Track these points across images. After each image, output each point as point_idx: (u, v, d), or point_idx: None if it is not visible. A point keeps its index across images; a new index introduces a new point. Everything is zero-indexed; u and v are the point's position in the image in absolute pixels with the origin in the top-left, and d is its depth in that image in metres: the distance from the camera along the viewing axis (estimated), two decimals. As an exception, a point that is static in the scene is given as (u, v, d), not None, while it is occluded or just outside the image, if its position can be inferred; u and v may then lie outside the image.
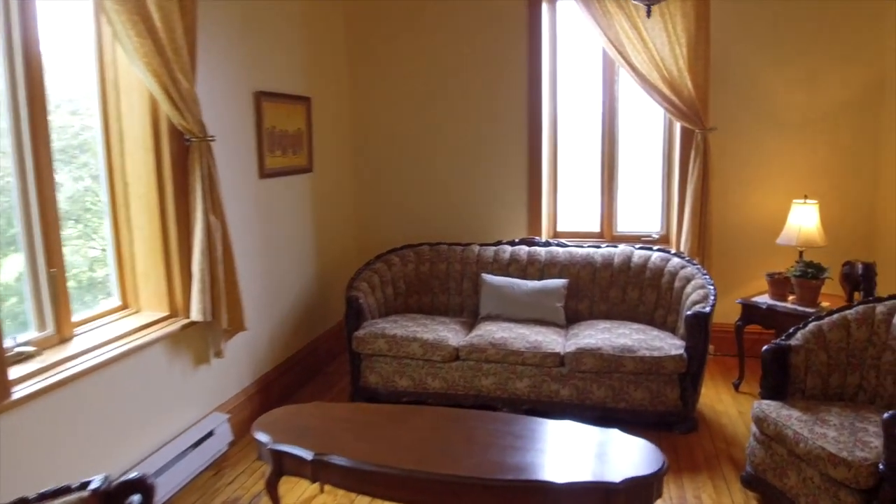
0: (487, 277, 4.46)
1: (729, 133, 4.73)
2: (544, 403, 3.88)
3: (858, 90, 4.57)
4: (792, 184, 4.65)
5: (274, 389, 4.13)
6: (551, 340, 3.92)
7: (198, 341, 3.41)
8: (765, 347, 3.19)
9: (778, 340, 3.24)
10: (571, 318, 4.37)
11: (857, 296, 3.99)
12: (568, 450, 2.71)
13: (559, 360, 3.82)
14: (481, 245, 4.76)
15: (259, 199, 3.99)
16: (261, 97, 3.98)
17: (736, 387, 4.41)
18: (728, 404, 4.19)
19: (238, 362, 3.77)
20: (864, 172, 4.64)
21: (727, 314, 4.53)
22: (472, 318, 4.46)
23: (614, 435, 2.72)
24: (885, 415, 2.47)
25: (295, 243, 4.46)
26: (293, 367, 4.39)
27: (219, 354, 3.48)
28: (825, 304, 4.08)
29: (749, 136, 4.74)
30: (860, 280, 3.92)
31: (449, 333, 4.05)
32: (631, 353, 3.71)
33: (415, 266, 4.68)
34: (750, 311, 4.27)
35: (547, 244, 4.69)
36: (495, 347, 3.87)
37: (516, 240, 4.77)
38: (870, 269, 3.88)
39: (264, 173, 4.04)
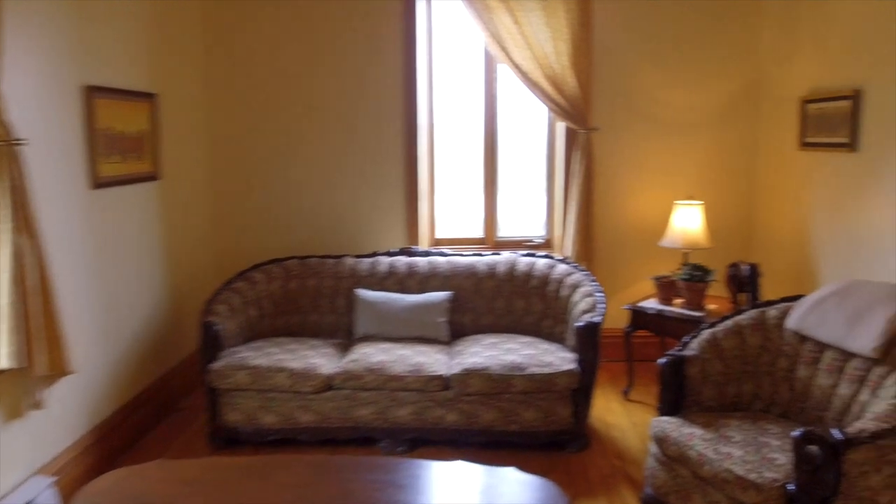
0: (363, 293, 4.06)
1: (612, 133, 4.58)
2: (429, 431, 3.53)
3: (737, 90, 4.55)
4: (676, 184, 4.56)
5: (117, 436, 3.52)
6: (435, 361, 3.57)
7: (9, 391, 2.78)
8: (661, 360, 2.99)
9: (674, 351, 3.05)
10: (456, 332, 4.05)
11: (742, 297, 3.92)
12: (459, 499, 2.35)
13: (444, 383, 3.48)
14: (356, 257, 4.35)
15: (91, 214, 3.37)
16: (92, 93, 3.36)
17: (625, 394, 4.25)
18: (619, 415, 4.01)
19: (67, 411, 3.15)
20: (744, 172, 4.63)
21: (613, 319, 4.36)
22: (347, 339, 4.04)
23: (510, 476, 2.39)
24: (795, 433, 2.30)
25: (139, 263, 3.85)
26: (141, 406, 3.78)
27: (37, 405, 2.87)
28: (712, 306, 3.99)
29: (633, 136, 4.61)
30: (745, 281, 3.85)
31: (321, 359, 3.60)
32: (521, 372, 3.43)
33: (282, 283, 4.20)
34: (638, 317, 4.12)
35: (427, 254, 4.35)
36: (373, 373, 3.47)
37: (394, 250, 4.39)
38: (755, 271, 3.81)
39: (98, 182, 3.42)
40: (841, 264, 3.66)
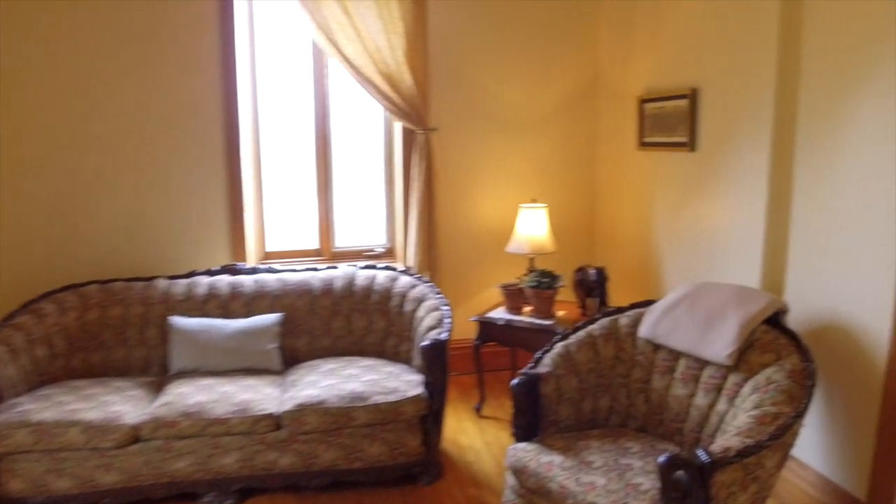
0: (178, 321, 3.50)
1: (453, 133, 4.32)
2: (261, 478, 3.07)
3: (578, 88, 4.45)
4: (521, 186, 4.38)
5: None
6: (264, 397, 3.11)
7: None
8: (514, 381, 2.73)
9: (526, 370, 2.81)
10: (290, 359, 3.60)
11: (591, 302, 3.78)
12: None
13: (275, 422, 3.03)
14: (169, 278, 3.76)
15: None
16: None
17: (478, 410, 4.00)
18: (472, 435, 3.75)
19: None
20: (587, 173, 4.54)
21: (461, 330, 4.11)
22: (161, 377, 3.46)
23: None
24: (661, 459, 2.10)
25: None
26: None
27: None
28: (561, 312, 3.83)
29: (474, 136, 4.37)
30: (593, 286, 3.71)
31: (125, 405, 3.02)
32: (363, 402, 3.05)
33: (78, 314, 3.53)
34: (486, 329, 3.87)
35: (254, 270, 3.86)
36: (190, 418, 2.95)
37: (215, 268, 3.86)
38: (602, 275, 3.69)
39: None
40: (684, 266, 3.62)
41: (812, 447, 2.89)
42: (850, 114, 2.59)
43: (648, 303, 3.03)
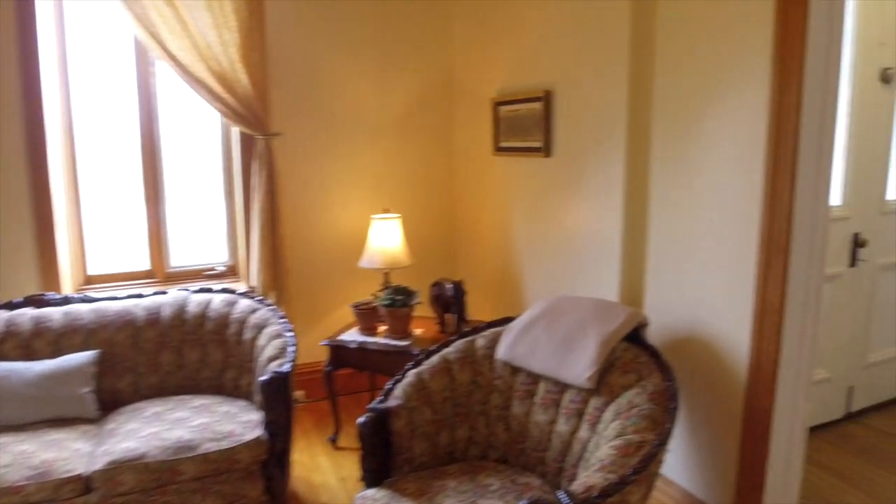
0: (-37, 368, 2.93)
1: (298, 138, 3.96)
2: (67, 552, 2.59)
3: (433, 90, 4.21)
4: (374, 196, 4.09)
5: None
6: (72, 454, 2.63)
7: None
8: (360, 420, 2.44)
9: (375, 404, 2.52)
10: (110, 403, 3.12)
11: (449, 318, 3.56)
12: None
13: (84, 484, 2.56)
14: (-45, 315, 3.17)
15: None
16: None
17: (333, 442, 3.68)
18: (327, 471, 3.42)
19: None
20: (444, 180, 4.32)
21: (317, 353, 3.77)
22: (-58, 435, 2.88)
23: None
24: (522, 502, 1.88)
25: None
26: None
27: None
28: (419, 330, 3.58)
29: (322, 141, 4.03)
30: (451, 301, 3.48)
31: None
32: (190, 452, 2.65)
33: None
34: (339, 353, 3.55)
35: (66, 301, 3.33)
36: (-32, 491, 2.44)
37: (17, 300, 3.29)
38: (459, 289, 3.46)
39: None
40: (545, 278, 3.47)
41: (676, 463, 2.80)
42: (702, 118, 2.50)
43: (506, 320, 2.83)
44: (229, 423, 2.84)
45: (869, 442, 3.62)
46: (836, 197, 3.48)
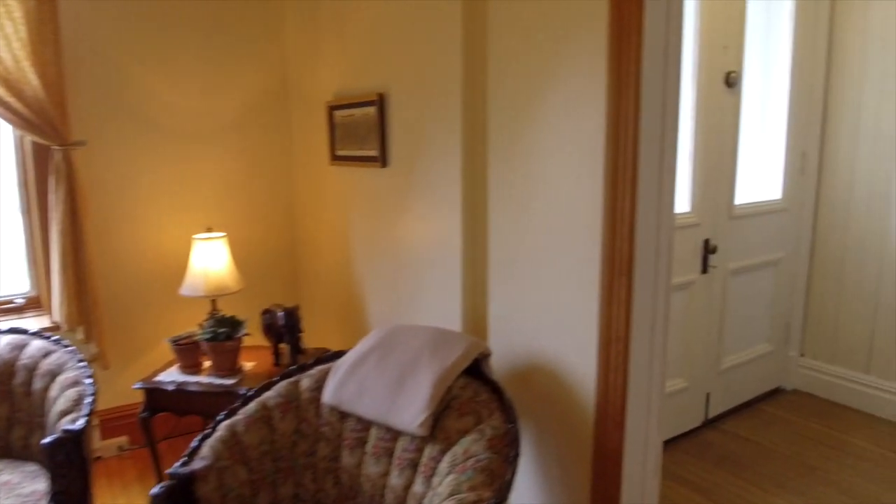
0: None
1: (106, 149, 3.43)
2: None
3: (266, 95, 3.79)
4: (202, 212, 3.62)
5: None
6: None
7: None
8: (154, 490, 2.02)
9: (175, 468, 2.11)
10: None
11: (284, 349, 3.18)
12: None
13: None
14: None
15: None
16: None
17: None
18: (146, 533, 2.95)
19: None
20: (281, 193, 3.90)
21: (136, 393, 3.28)
22: None
23: None
24: None
25: None
26: None
27: None
28: (250, 364, 3.18)
29: (136, 151, 3.51)
30: (283, 331, 3.10)
31: None
32: (-61, 546, 2.13)
33: None
34: (155, 396, 3.08)
35: None
36: None
37: None
38: (292, 317, 3.08)
39: None
40: (387, 301, 3.15)
41: (525, 501, 2.56)
42: (538, 125, 2.26)
43: (336, 355, 2.49)
44: (6, 497, 2.34)
45: (727, 449, 3.57)
46: (684, 203, 3.38)
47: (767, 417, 3.94)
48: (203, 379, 3.05)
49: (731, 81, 3.41)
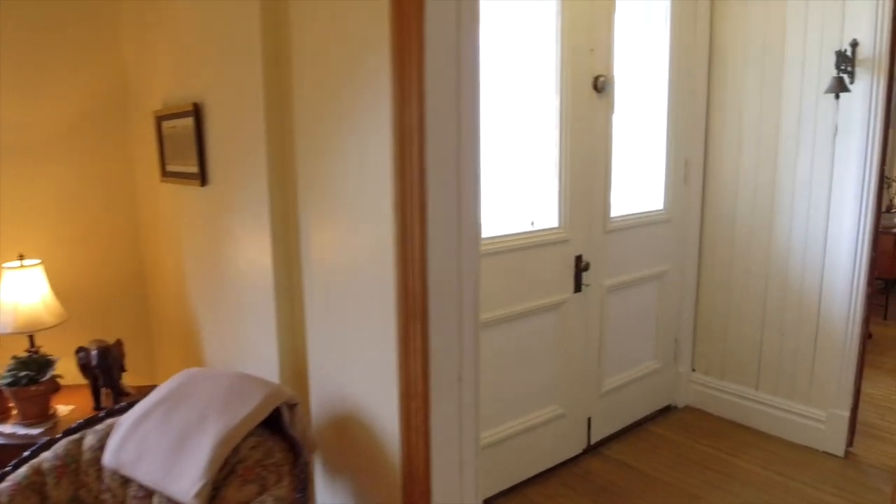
0: None
1: None
2: None
3: (101, 103, 3.37)
4: (18, 237, 3.20)
5: None
6: None
7: None
8: None
9: None
10: None
11: (106, 392, 2.82)
12: None
13: None
14: None
15: None
16: None
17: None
18: None
19: None
20: (122, 214, 3.51)
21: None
22: None
23: None
24: None
25: None
26: None
27: None
28: (67, 409, 2.81)
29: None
30: (97, 372, 2.74)
31: None
32: None
33: None
34: (-50, 451, 2.68)
35: None
36: None
37: None
38: (107, 355, 2.72)
39: None
40: (218, 335, 2.81)
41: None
42: (336, 141, 1.97)
43: (127, 407, 2.16)
44: None
45: (607, 479, 3.36)
46: (551, 218, 3.16)
47: (654, 440, 3.76)
48: (6, 428, 2.67)
49: (601, 86, 3.20)
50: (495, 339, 3.01)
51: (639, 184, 3.72)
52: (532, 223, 3.23)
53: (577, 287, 3.27)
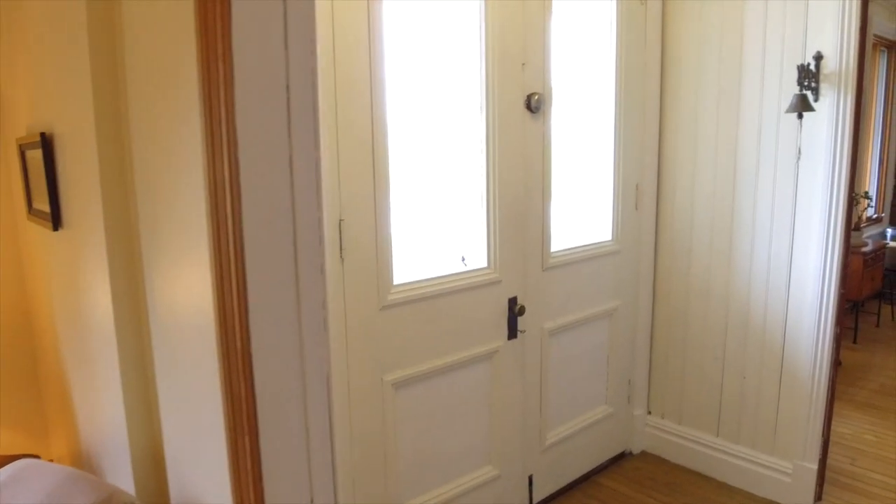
0: None
1: None
2: None
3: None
4: None
5: None
6: None
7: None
8: None
9: None
10: None
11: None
12: None
13: None
14: None
15: None
16: None
17: None
18: None
19: None
20: (8, 256, 3.05)
21: None
22: None
23: None
24: None
25: None
26: None
27: None
28: None
29: None
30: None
31: None
32: None
33: None
34: None
35: None
36: None
37: None
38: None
39: None
40: (83, 398, 2.38)
41: None
42: (168, 185, 1.55)
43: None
44: None
45: (549, 546, 2.97)
46: (479, 258, 2.76)
47: (606, 495, 3.37)
48: None
49: (535, 105, 2.82)
50: (417, 398, 2.60)
51: (584, 213, 3.35)
52: (463, 259, 2.84)
53: (512, 333, 2.88)
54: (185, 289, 1.47)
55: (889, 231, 7.20)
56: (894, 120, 7.27)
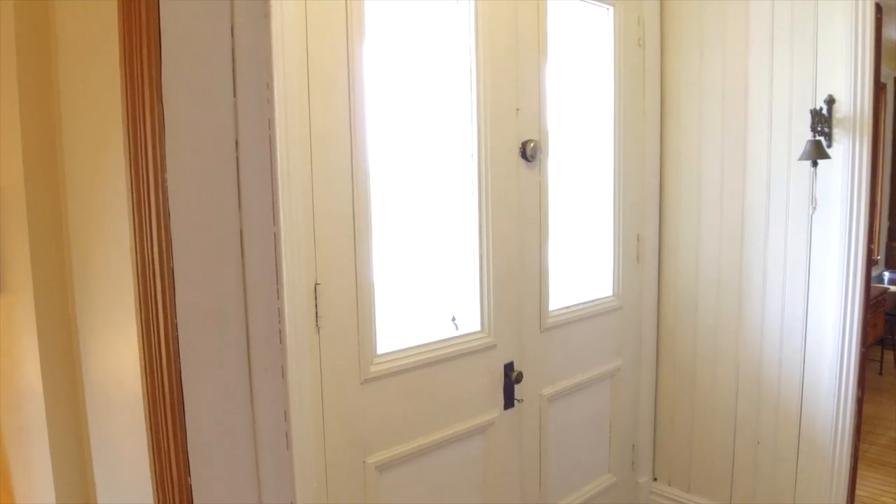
0: None
1: None
2: None
3: None
4: None
5: None
6: None
7: None
8: None
9: None
10: None
11: None
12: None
13: None
14: None
15: None
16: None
17: None
18: None
19: None
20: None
21: None
22: None
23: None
24: None
25: None
26: None
27: None
28: None
29: None
30: None
31: None
32: None
33: None
34: None
35: None
36: None
37: None
38: None
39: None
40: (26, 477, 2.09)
41: None
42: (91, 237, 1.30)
43: None
44: None
45: None
46: (473, 321, 2.51)
47: (611, 576, 3.08)
48: None
49: (531, 154, 2.60)
50: (403, 481, 2.32)
51: (582, 266, 3.11)
52: (454, 320, 2.59)
53: (509, 402, 2.62)
54: (116, 381, 1.21)
55: (886, 274, 7.03)
56: (883, 159, 7.17)
